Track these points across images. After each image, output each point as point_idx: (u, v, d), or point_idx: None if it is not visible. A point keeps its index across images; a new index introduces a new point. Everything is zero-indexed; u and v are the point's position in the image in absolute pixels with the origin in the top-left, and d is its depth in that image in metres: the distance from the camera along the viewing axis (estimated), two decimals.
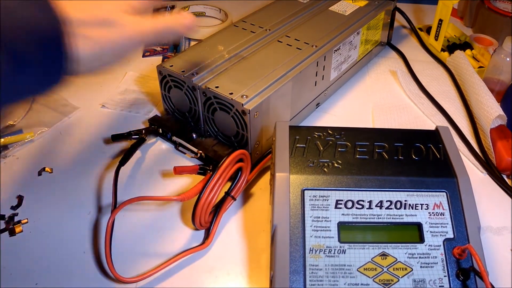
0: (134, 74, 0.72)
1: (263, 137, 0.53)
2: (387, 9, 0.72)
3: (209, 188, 0.45)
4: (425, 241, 0.39)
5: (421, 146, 0.45)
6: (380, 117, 0.64)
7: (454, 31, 0.83)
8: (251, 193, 0.52)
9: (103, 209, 0.50)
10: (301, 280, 0.37)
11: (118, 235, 0.46)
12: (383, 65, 0.75)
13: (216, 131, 0.54)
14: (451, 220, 0.40)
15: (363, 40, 0.69)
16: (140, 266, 0.44)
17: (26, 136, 0.59)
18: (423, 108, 0.66)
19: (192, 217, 0.45)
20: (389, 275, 0.38)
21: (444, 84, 0.71)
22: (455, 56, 0.72)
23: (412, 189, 0.42)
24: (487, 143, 0.58)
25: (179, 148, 0.57)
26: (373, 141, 0.46)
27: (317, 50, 0.59)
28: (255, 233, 0.48)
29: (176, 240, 0.47)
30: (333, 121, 0.63)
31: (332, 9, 0.69)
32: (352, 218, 0.40)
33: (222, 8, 0.85)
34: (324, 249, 0.38)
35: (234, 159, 0.46)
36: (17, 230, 0.47)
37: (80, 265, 0.44)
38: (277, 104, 0.53)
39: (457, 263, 0.38)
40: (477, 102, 0.62)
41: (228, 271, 0.44)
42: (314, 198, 0.41)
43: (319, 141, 0.45)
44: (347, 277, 0.37)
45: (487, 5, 0.81)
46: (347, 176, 0.42)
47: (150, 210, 0.50)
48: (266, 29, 0.63)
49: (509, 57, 0.64)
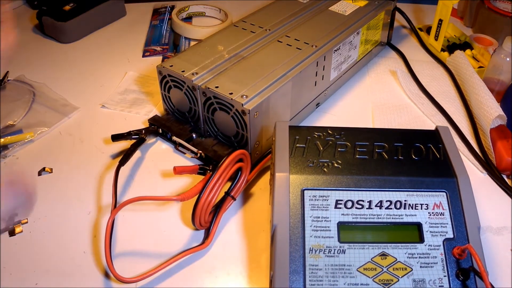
0: (134, 74, 0.72)
1: (263, 137, 0.53)
2: (387, 9, 0.72)
3: (209, 188, 0.45)
4: (425, 241, 0.39)
5: (421, 146, 0.45)
6: (380, 117, 0.64)
7: (454, 31, 0.83)
8: (251, 193, 0.52)
9: (103, 209, 0.50)
10: (301, 280, 0.37)
11: (118, 235, 0.46)
12: (383, 65, 0.75)
13: (216, 131, 0.54)
14: (451, 220, 0.40)
15: (363, 40, 0.69)
16: (140, 266, 0.44)
17: (26, 136, 0.59)
18: (423, 108, 0.66)
19: (192, 217, 0.45)
20: (389, 275, 0.38)
21: (444, 84, 0.71)
22: (455, 56, 0.72)
23: (412, 189, 0.42)
24: (487, 143, 0.58)
25: (179, 148, 0.57)
26: (373, 141, 0.46)
27: (317, 50, 0.59)
28: (255, 233, 0.48)
29: (176, 240, 0.47)
30: (333, 121, 0.63)
31: (332, 9, 0.69)
32: (352, 218, 0.40)
33: (222, 8, 0.85)
34: (324, 249, 0.38)
35: (234, 159, 0.46)
36: (17, 230, 0.47)
37: (80, 265, 0.44)
38: (277, 104, 0.53)
39: (457, 263, 0.38)
40: (477, 102, 0.62)
41: (228, 271, 0.44)
42: (314, 198, 0.41)
43: (319, 141, 0.45)
44: (347, 277, 0.37)
45: (487, 5, 0.81)
46: (347, 176, 0.42)
47: (150, 210, 0.50)
48: (266, 29, 0.63)
49: (509, 57, 0.64)
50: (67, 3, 0.82)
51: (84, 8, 0.81)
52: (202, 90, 0.52)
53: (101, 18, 0.85)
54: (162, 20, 0.86)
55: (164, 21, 0.86)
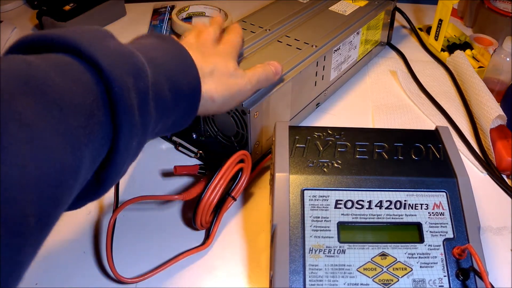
0: None
1: (263, 137, 0.53)
2: (387, 9, 0.72)
3: (210, 189, 0.45)
4: (425, 241, 0.39)
5: (421, 146, 0.45)
6: (380, 117, 0.64)
7: (454, 31, 0.83)
8: (251, 193, 0.52)
9: (103, 209, 0.50)
10: (301, 280, 0.37)
11: (118, 235, 0.46)
12: (383, 65, 0.75)
13: (216, 131, 0.54)
14: (451, 220, 0.40)
15: (363, 40, 0.69)
16: (140, 266, 0.44)
17: None
18: (423, 108, 0.66)
19: (193, 217, 0.45)
20: (389, 275, 0.38)
21: (444, 84, 0.71)
22: (455, 56, 0.72)
23: (412, 189, 0.42)
24: (487, 143, 0.58)
25: (179, 148, 0.57)
26: (373, 141, 0.46)
27: (317, 50, 0.59)
28: (255, 233, 0.48)
29: (177, 240, 0.47)
30: (333, 121, 0.63)
31: (332, 9, 0.69)
32: (351, 218, 0.40)
33: (222, 8, 0.85)
34: (323, 249, 0.38)
35: (235, 160, 0.46)
36: None
37: (80, 265, 0.44)
38: (277, 104, 0.53)
39: (457, 263, 0.38)
40: (477, 102, 0.62)
41: (228, 271, 0.44)
42: (313, 198, 0.41)
43: (319, 141, 0.45)
44: (347, 277, 0.37)
45: (487, 5, 0.81)
46: (347, 176, 0.42)
47: (150, 210, 0.50)
48: (266, 29, 0.63)
49: (509, 57, 0.64)
50: (67, 3, 0.82)
51: (84, 8, 0.81)
52: None
53: (101, 18, 0.85)
54: (162, 20, 0.86)
55: (164, 21, 0.86)
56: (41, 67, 0.28)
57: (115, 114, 0.30)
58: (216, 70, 0.43)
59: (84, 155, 0.28)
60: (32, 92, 0.26)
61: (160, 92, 0.35)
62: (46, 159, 0.25)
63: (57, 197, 0.26)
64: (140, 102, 0.32)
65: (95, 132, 0.29)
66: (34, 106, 0.25)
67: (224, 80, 0.43)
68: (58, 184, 0.26)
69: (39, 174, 0.24)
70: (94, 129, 0.29)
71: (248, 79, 0.46)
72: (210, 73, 0.42)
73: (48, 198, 0.25)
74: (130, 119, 0.31)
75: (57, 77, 0.28)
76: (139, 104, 0.32)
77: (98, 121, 0.29)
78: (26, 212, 0.24)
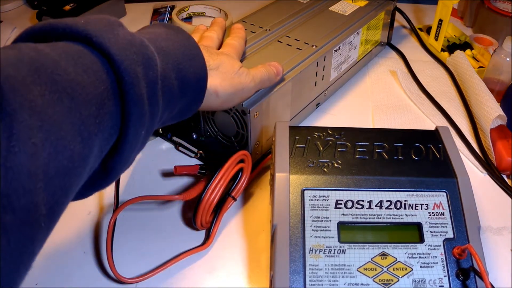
0: None
1: (263, 137, 0.53)
2: (387, 9, 0.72)
3: (210, 189, 0.45)
4: (425, 241, 0.39)
5: (421, 146, 0.45)
6: (380, 117, 0.64)
7: (454, 31, 0.83)
8: (251, 193, 0.52)
9: (103, 209, 0.50)
10: (301, 280, 0.37)
11: (118, 235, 0.46)
12: (383, 65, 0.75)
13: (216, 131, 0.54)
14: (451, 220, 0.40)
15: (363, 40, 0.69)
16: (140, 266, 0.44)
17: None
18: (423, 108, 0.66)
19: (194, 217, 0.45)
20: (389, 275, 0.38)
21: (444, 84, 0.71)
22: (455, 56, 0.72)
23: (412, 189, 0.42)
24: (487, 143, 0.58)
25: (179, 148, 0.57)
26: (373, 141, 0.46)
27: (317, 50, 0.59)
28: (255, 233, 0.48)
29: (177, 240, 0.47)
30: (333, 121, 0.63)
31: (332, 9, 0.69)
32: (352, 218, 0.40)
33: (222, 8, 0.85)
34: (324, 249, 0.38)
35: (235, 160, 0.46)
36: None
37: (80, 265, 0.44)
38: (277, 104, 0.53)
39: (457, 263, 0.38)
40: (477, 102, 0.62)
41: (228, 271, 0.44)
42: (314, 198, 0.41)
43: (319, 141, 0.45)
44: (347, 277, 0.37)
45: (487, 5, 0.81)
46: (347, 176, 0.42)
47: (150, 210, 0.50)
48: (266, 29, 0.63)
49: (509, 57, 0.64)
50: (67, 3, 0.82)
51: (84, 8, 0.81)
52: None
53: None
54: (162, 20, 0.86)
55: (164, 21, 0.86)
56: (51, 56, 0.27)
57: (125, 104, 0.30)
58: (222, 66, 0.43)
59: (94, 144, 0.28)
60: (43, 80, 0.26)
61: (168, 81, 0.35)
62: (56, 147, 0.25)
63: (66, 185, 0.26)
64: (149, 92, 0.32)
65: (105, 121, 0.29)
66: (45, 95, 0.25)
67: (229, 77, 0.43)
68: (67, 172, 0.26)
69: (50, 162, 0.24)
70: (104, 118, 0.29)
71: (252, 78, 0.46)
72: (216, 68, 0.43)
73: (58, 186, 0.25)
74: (139, 109, 0.31)
75: (68, 65, 0.28)
76: (148, 93, 0.32)
77: (108, 110, 0.29)
78: (37, 201, 0.24)
